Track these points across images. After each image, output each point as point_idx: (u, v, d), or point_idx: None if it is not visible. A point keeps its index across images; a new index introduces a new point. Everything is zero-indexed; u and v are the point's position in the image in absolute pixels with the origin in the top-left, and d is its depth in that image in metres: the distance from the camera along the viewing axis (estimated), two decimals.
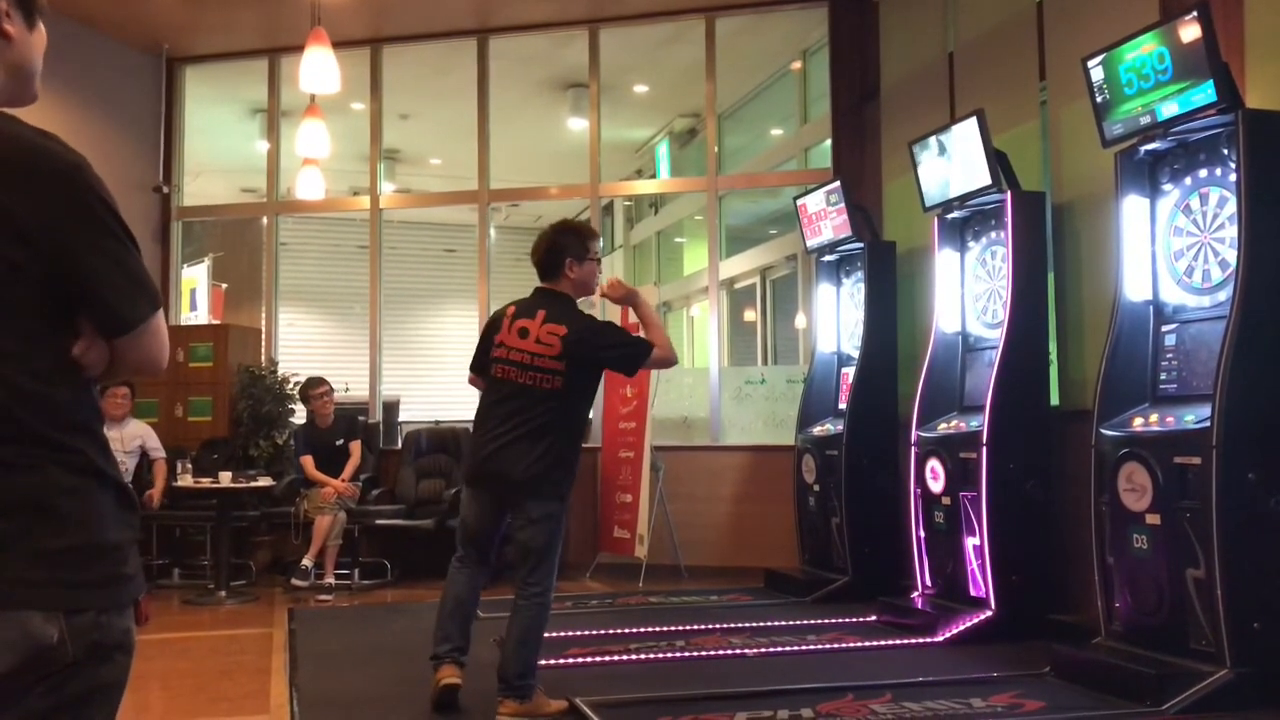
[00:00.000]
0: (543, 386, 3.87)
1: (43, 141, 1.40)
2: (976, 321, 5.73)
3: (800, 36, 8.69)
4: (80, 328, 1.43)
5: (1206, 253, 4.24)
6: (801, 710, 3.90)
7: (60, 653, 1.33)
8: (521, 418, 3.88)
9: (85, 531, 1.38)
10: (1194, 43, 4.02)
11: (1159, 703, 3.81)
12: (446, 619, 4.00)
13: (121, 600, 1.41)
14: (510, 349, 3.95)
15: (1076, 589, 5.12)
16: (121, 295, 1.43)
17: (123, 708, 1.47)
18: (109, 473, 1.44)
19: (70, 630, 1.34)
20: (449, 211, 10.99)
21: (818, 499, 6.69)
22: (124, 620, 1.42)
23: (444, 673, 3.94)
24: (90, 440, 1.43)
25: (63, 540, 1.36)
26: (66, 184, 1.39)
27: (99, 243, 1.41)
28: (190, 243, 9.44)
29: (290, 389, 8.05)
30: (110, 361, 1.47)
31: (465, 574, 4.05)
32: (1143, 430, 4.24)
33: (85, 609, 1.36)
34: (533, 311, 3.97)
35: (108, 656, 1.38)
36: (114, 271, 1.42)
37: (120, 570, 1.41)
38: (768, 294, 10.40)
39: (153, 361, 1.50)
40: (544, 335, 3.89)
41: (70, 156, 1.41)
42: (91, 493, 1.40)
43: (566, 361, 3.87)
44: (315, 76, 6.10)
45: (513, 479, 3.86)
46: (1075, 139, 5.35)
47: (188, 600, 6.80)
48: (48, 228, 1.37)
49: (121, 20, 7.94)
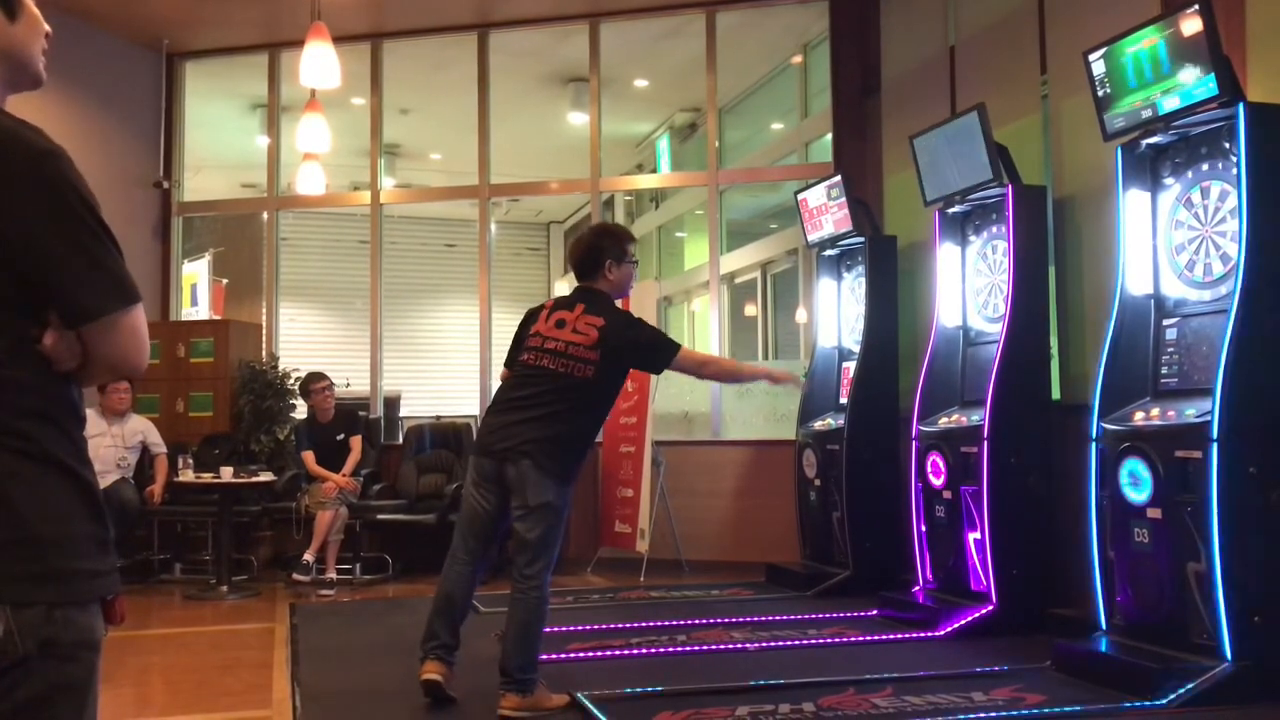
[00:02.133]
0: (575, 375, 3.90)
1: (17, 128, 1.38)
2: (977, 315, 5.72)
3: (801, 30, 8.68)
4: (50, 319, 1.41)
5: (1208, 246, 4.24)
6: (803, 704, 3.90)
7: (8, 647, 1.29)
8: (539, 399, 3.91)
9: (38, 523, 1.34)
10: (1195, 36, 4.01)
11: (1159, 696, 3.81)
12: (434, 616, 4.00)
13: (78, 596, 1.36)
14: (545, 338, 3.99)
15: (1077, 583, 5.11)
16: (83, 283, 1.39)
17: (125, 702, 1.45)
18: (70, 464, 1.40)
19: (18, 624, 1.30)
20: (449, 206, 11.00)
21: (819, 493, 6.69)
22: (86, 616, 1.37)
23: (425, 668, 3.95)
24: (53, 430, 1.39)
25: (12, 532, 1.32)
26: (34, 169, 1.37)
27: (64, 228, 1.38)
28: (191, 238, 9.43)
29: (291, 384, 8.04)
30: (85, 358, 1.44)
31: (458, 570, 4.03)
32: (1144, 424, 4.24)
33: (33, 603, 1.31)
34: (572, 305, 4.05)
35: (68, 655, 1.34)
36: (77, 258, 1.39)
37: (75, 564, 1.36)
38: (768, 288, 10.39)
39: (125, 360, 1.46)
40: (581, 325, 3.95)
41: (43, 144, 1.39)
42: (47, 483, 1.36)
43: (601, 351, 3.90)
44: (316, 71, 6.09)
45: (515, 448, 3.86)
46: (1076, 133, 5.34)
47: (189, 595, 6.81)
48: (10, 211, 1.35)
49: (121, 15, 7.92)
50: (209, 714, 4.22)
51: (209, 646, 5.56)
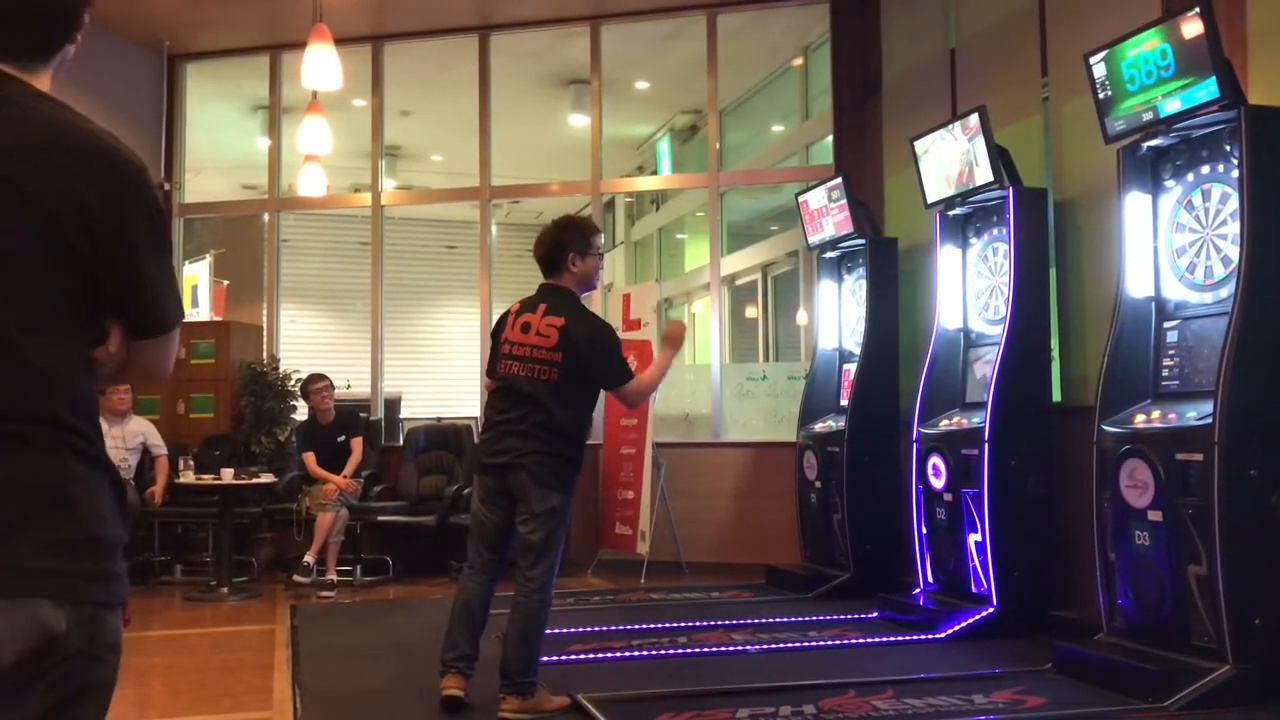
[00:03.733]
0: (540, 379, 3.89)
1: (114, 142, 1.44)
2: (978, 318, 5.72)
3: (802, 32, 8.68)
4: (107, 327, 1.46)
5: (1209, 249, 4.24)
6: (804, 706, 3.90)
7: (67, 643, 1.33)
8: (521, 412, 3.89)
9: (93, 524, 1.38)
10: (1196, 39, 4.01)
11: (1161, 699, 3.81)
12: (454, 626, 3.98)
13: (117, 597, 1.42)
14: (514, 345, 3.97)
15: (1078, 585, 5.12)
16: (165, 300, 1.48)
17: (125, 704, 1.47)
18: (111, 468, 1.45)
19: (76, 621, 1.34)
20: (450, 208, 10.99)
21: (819, 495, 6.69)
22: (115, 620, 1.42)
23: (447, 683, 3.92)
24: (99, 434, 1.45)
25: (74, 530, 1.36)
26: (137, 187, 1.43)
27: (154, 246, 1.46)
28: (192, 239, 9.44)
29: (292, 386, 8.05)
30: (125, 364, 1.50)
31: (476, 580, 4.01)
32: (1145, 427, 4.24)
33: (88, 601, 1.36)
34: (535, 306, 4.02)
35: (101, 656, 1.39)
36: (162, 276, 1.47)
37: (116, 567, 1.42)
38: (769, 290, 10.39)
39: (164, 368, 1.55)
40: (543, 328, 3.92)
41: (139, 161, 1.45)
42: (99, 486, 1.41)
43: (564, 352, 3.88)
44: (317, 73, 6.09)
45: (511, 463, 3.86)
46: (1077, 135, 5.34)
47: (190, 597, 6.81)
48: (114, 225, 1.40)
49: (122, 17, 7.93)
50: (210, 715, 4.22)
51: (210, 648, 5.56)
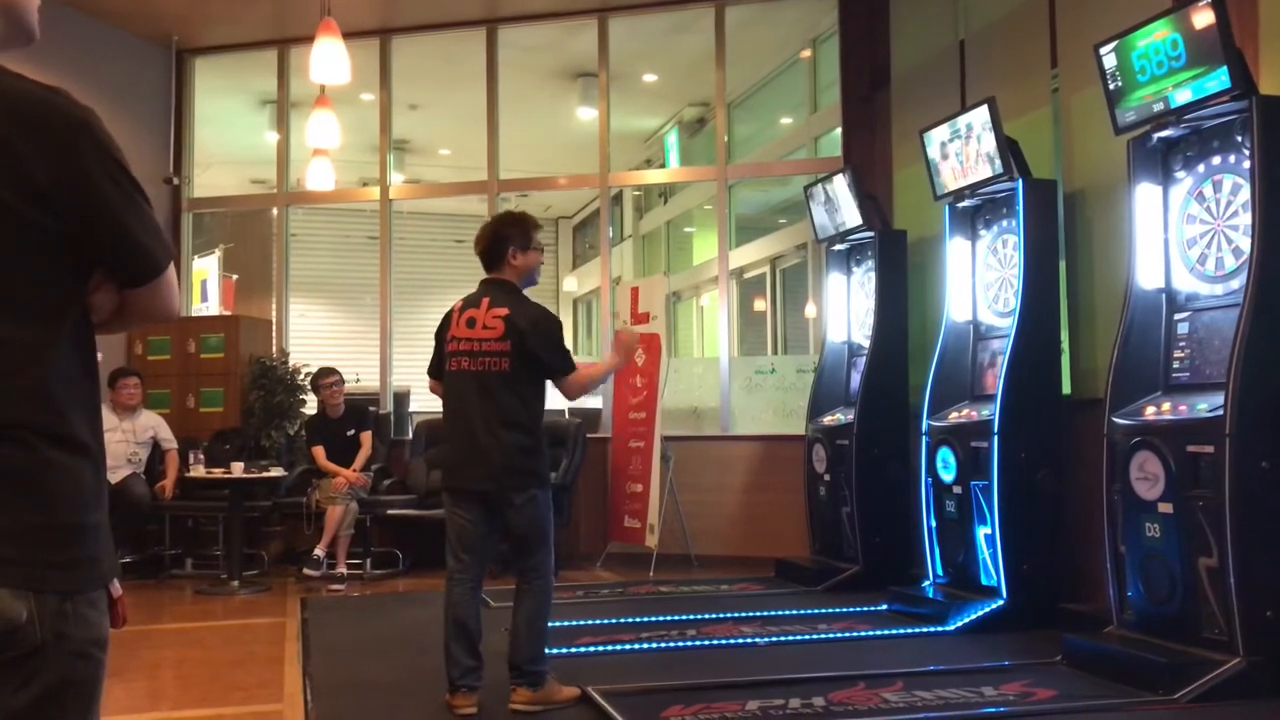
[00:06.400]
0: (492, 370, 3.90)
1: (50, 95, 1.35)
2: (988, 310, 5.71)
3: (810, 24, 8.66)
4: (96, 279, 1.41)
5: (1220, 240, 4.22)
6: (813, 699, 3.90)
7: (30, 633, 1.29)
8: (481, 411, 3.89)
9: (62, 510, 1.34)
10: (1207, 29, 3.99)
11: (1171, 691, 3.80)
12: (452, 644, 3.91)
13: (91, 584, 1.36)
14: (460, 340, 3.98)
15: (1088, 578, 5.11)
16: (149, 246, 1.42)
17: (137, 696, 1.46)
18: (93, 448, 1.40)
19: (39, 611, 1.29)
20: (458, 202, 10.99)
21: (828, 488, 6.69)
22: (96, 612, 1.37)
23: (458, 702, 3.87)
24: (84, 418, 1.39)
25: (39, 517, 1.31)
26: (83, 137, 1.35)
27: (123, 194, 1.39)
28: (200, 234, 9.45)
29: (302, 380, 8.07)
30: (122, 311, 1.46)
31: (460, 590, 3.95)
32: (1155, 419, 4.23)
33: (52, 591, 1.31)
34: (478, 301, 4.02)
35: (80, 651, 1.34)
36: (139, 223, 1.41)
37: (90, 553, 1.36)
38: (778, 283, 10.38)
39: (166, 310, 1.50)
40: (489, 320, 3.93)
41: (79, 108, 1.37)
42: (77, 470, 1.36)
43: (511, 341, 3.89)
44: (325, 67, 6.09)
45: (489, 476, 3.88)
46: (1087, 126, 5.32)
47: (200, 590, 6.83)
48: (68, 184, 1.33)
49: (130, 11, 7.94)
50: (221, 708, 4.24)
51: (220, 641, 5.58)
